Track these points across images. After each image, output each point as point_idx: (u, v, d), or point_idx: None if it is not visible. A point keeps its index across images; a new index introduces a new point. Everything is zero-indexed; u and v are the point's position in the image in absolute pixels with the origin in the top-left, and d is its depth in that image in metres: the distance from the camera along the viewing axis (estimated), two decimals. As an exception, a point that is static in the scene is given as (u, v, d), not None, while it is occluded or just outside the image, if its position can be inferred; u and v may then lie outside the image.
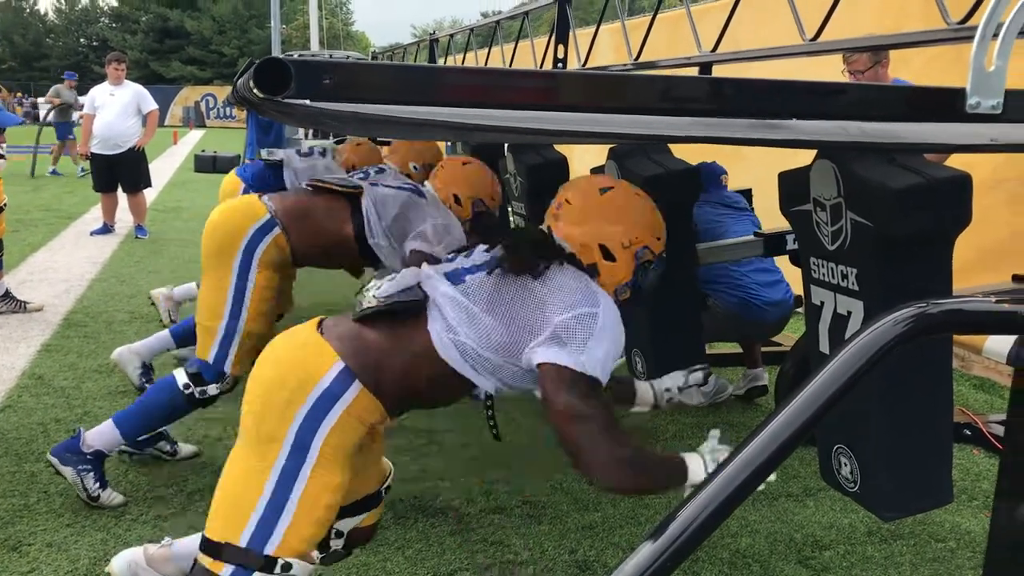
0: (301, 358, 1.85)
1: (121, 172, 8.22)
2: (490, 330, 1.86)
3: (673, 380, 2.23)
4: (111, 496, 2.92)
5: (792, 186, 2.10)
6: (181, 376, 3.03)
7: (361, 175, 3.61)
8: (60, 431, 3.49)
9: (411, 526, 2.82)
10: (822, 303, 2.03)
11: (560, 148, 3.99)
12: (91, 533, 2.72)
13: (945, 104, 1.25)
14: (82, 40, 51.40)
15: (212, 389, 3.04)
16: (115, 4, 48.94)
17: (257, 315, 3.08)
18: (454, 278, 1.96)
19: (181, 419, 3.16)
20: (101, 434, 2.96)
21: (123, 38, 45.39)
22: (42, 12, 53.10)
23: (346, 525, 2.13)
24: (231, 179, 4.26)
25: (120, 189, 8.36)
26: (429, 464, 3.33)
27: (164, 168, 15.08)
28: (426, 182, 3.50)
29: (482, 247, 2.04)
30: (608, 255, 1.98)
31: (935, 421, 1.94)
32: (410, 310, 1.90)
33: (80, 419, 3.62)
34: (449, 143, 5.24)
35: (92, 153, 8.20)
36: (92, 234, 8.41)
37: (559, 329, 1.81)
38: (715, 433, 1.89)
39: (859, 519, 2.99)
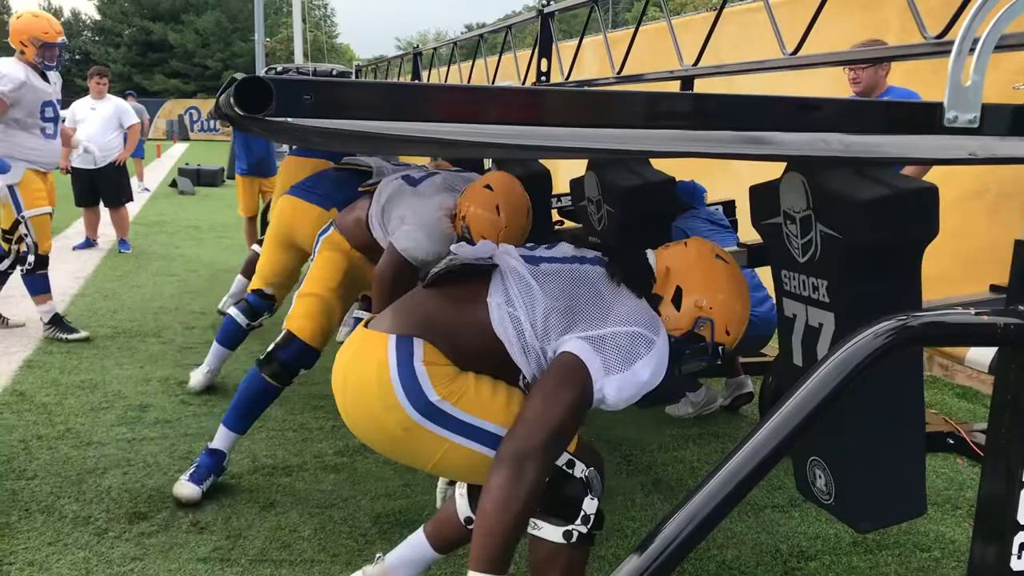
0: (366, 356, 1.96)
1: (102, 186, 8.17)
2: (548, 312, 1.92)
3: None
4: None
5: (763, 199, 2.11)
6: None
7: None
8: (42, 448, 3.46)
9: (396, 541, 2.79)
10: (794, 315, 2.04)
11: (544, 161, 4.00)
12: (73, 551, 2.69)
13: (923, 118, 1.27)
14: (64, 53, 51.13)
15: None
16: (98, 18, 48.72)
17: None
18: (531, 260, 2.04)
19: (171, 421, 3.11)
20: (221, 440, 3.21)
21: (106, 51, 45.20)
22: (24, 25, 52.76)
23: None
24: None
25: (102, 204, 8.31)
26: (413, 479, 3.31)
27: (148, 181, 14.99)
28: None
29: (568, 246, 2.13)
30: (677, 301, 2.01)
31: (907, 433, 1.94)
32: (475, 277, 2.01)
33: (62, 436, 3.58)
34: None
35: (72, 168, 8.14)
36: (75, 249, 8.35)
37: (608, 336, 1.86)
38: None
39: (844, 529, 3.00)
